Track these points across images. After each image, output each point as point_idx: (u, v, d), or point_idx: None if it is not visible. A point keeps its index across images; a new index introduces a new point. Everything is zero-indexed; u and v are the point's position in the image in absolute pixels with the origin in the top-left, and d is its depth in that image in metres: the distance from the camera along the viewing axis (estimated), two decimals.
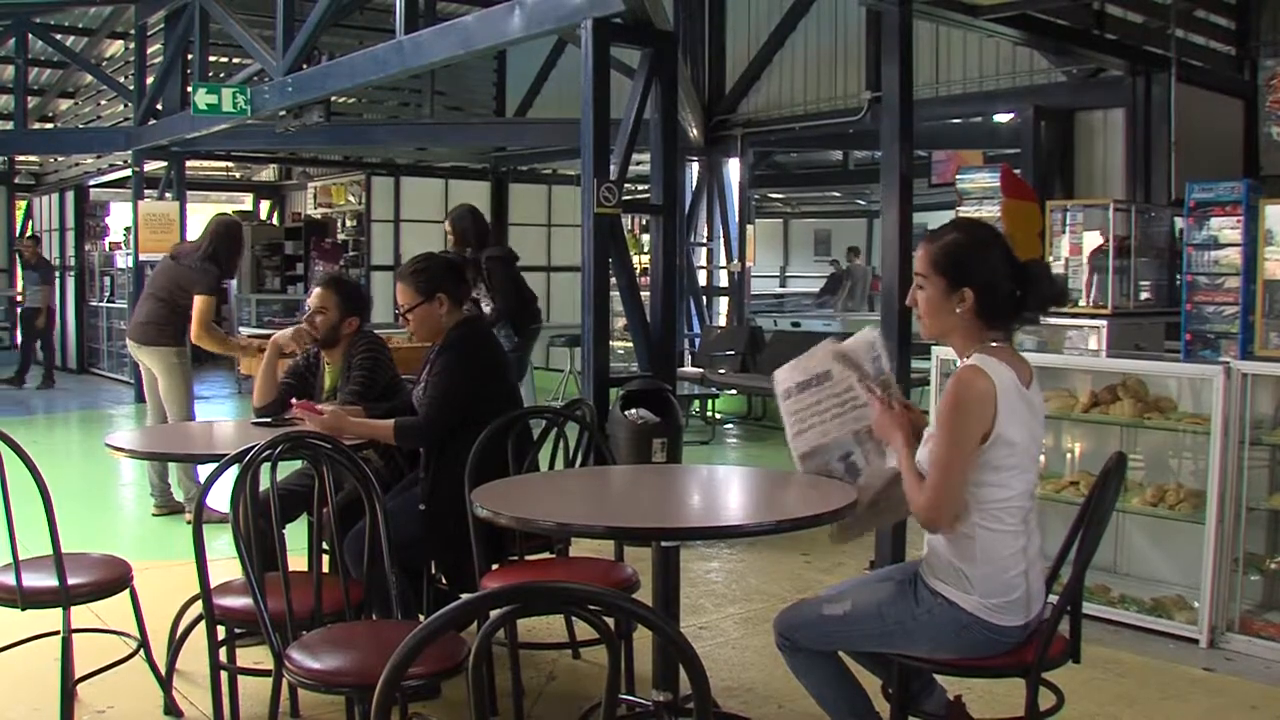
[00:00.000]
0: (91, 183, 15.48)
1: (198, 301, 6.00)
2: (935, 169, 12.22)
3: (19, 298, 13.77)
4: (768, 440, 9.54)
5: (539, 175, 15.07)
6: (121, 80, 13.15)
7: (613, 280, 6.09)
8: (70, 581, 3.27)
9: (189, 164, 13.15)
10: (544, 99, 13.18)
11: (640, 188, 11.59)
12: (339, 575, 3.29)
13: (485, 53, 8.87)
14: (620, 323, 8.69)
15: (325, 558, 3.48)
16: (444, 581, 3.94)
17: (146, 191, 12.51)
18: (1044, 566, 2.74)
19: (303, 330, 4.37)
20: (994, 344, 2.65)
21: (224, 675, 3.17)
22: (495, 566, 3.60)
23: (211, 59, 11.23)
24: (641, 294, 6.44)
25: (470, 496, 2.97)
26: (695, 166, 11.66)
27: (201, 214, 8.48)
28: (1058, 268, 4.88)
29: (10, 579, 3.27)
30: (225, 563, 3.73)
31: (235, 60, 11.91)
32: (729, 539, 5.41)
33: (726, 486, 3.45)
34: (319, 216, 15.68)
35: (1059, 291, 2.73)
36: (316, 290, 4.33)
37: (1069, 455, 5.02)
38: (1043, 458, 4.30)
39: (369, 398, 4.08)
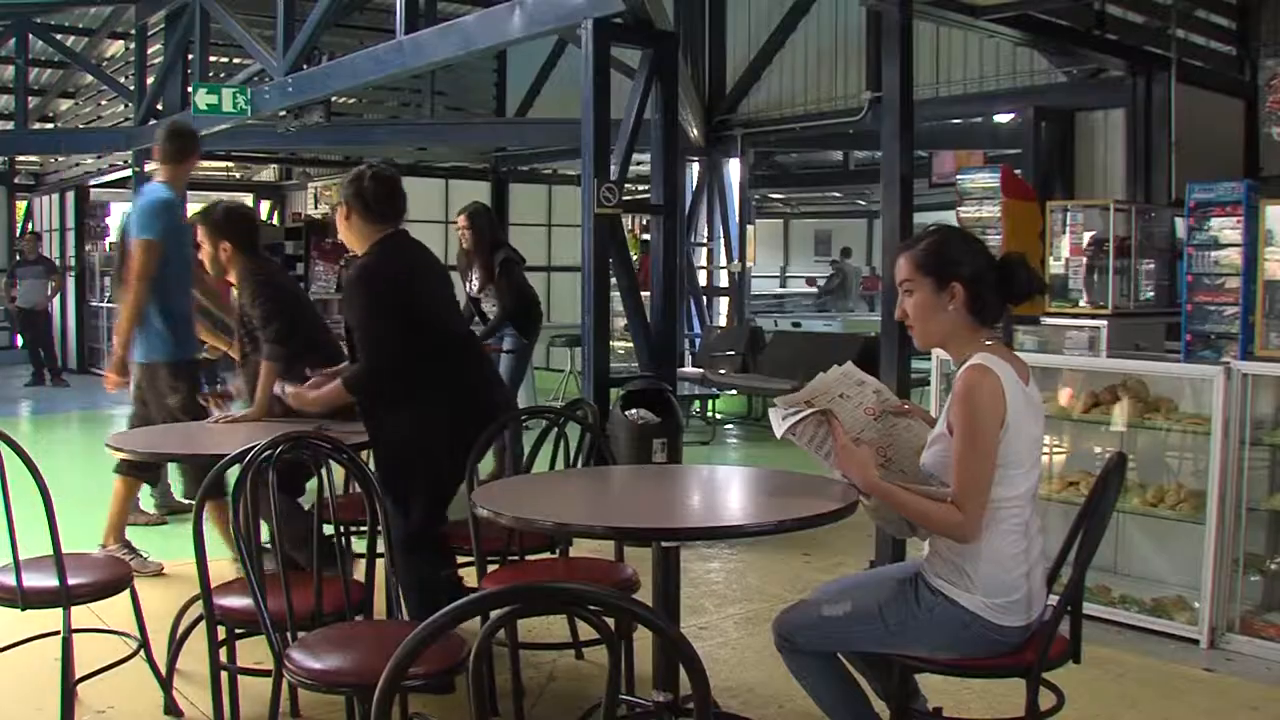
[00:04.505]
0: (92, 183, 15.48)
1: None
2: (936, 158, 12.19)
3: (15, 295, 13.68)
4: (768, 440, 9.53)
5: (539, 175, 15.07)
6: (122, 80, 13.15)
7: (613, 280, 6.09)
8: (70, 582, 3.27)
9: None
10: (544, 99, 13.18)
11: (640, 188, 11.59)
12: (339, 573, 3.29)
13: (485, 53, 8.89)
14: (620, 323, 8.70)
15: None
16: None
17: None
18: (1045, 568, 2.74)
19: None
20: (989, 342, 2.67)
21: (224, 675, 3.17)
22: (495, 567, 3.60)
23: (212, 59, 11.23)
24: (642, 294, 6.44)
25: (471, 498, 2.97)
26: (695, 166, 11.66)
27: None
28: (1058, 268, 4.88)
29: (10, 579, 3.27)
30: (225, 563, 3.73)
31: (236, 60, 11.91)
32: (729, 539, 5.41)
33: (727, 487, 3.45)
34: (319, 217, 15.66)
35: (1038, 281, 2.75)
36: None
37: (1069, 455, 5.02)
38: (1044, 457, 4.32)
39: (289, 341, 4.12)
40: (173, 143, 5.32)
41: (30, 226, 16.73)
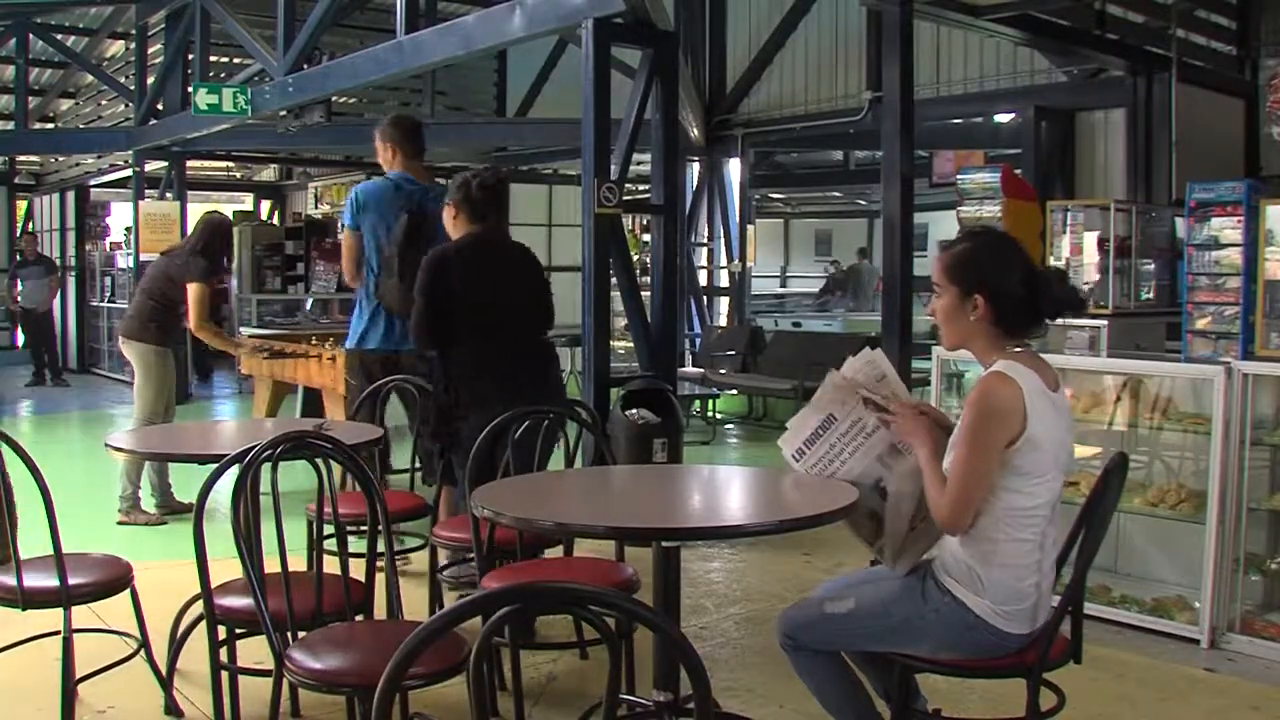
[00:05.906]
0: (92, 183, 15.48)
1: (191, 290, 6.10)
2: (936, 158, 12.19)
3: (17, 297, 13.70)
4: (769, 440, 9.52)
5: (539, 175, 15.07)
6: (122, 80, 13.15)
7: (613, 280, 6.09)
8: (71, 581, 3.27)
9: (189, 164, 13.16)
10: (544, 99, 13.17)
11: (641, 188, 11.60)
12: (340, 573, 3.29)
13: (486, 53, 8.87)
14: (620, 323, 8.70)
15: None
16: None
17: (147, 191, 12.51)
18: (1054, 577, 2.73)
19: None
20: (1016, 349, 2.66)
21: (224, 675, 3.17)
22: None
23: (212, 59, 11.23)
24: (642, 294, 6.44)
25: (472, 498, 2.98)
26: (696, 166, 11.67)
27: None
28: (1059, 268, 4.88)
29: (11, 579, 3.27)
30: (225, 563, 3.72)
31: (236, 60, 11.91)
32: (730, 539, 5.41)
33: (727, 486, 3.45)
34: (319, 216, 15.67)
35: (1073, 297, 2.72)
36: None
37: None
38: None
39: None
40: (416, 135, 5.35)
41: (30, 226, 16.74)
